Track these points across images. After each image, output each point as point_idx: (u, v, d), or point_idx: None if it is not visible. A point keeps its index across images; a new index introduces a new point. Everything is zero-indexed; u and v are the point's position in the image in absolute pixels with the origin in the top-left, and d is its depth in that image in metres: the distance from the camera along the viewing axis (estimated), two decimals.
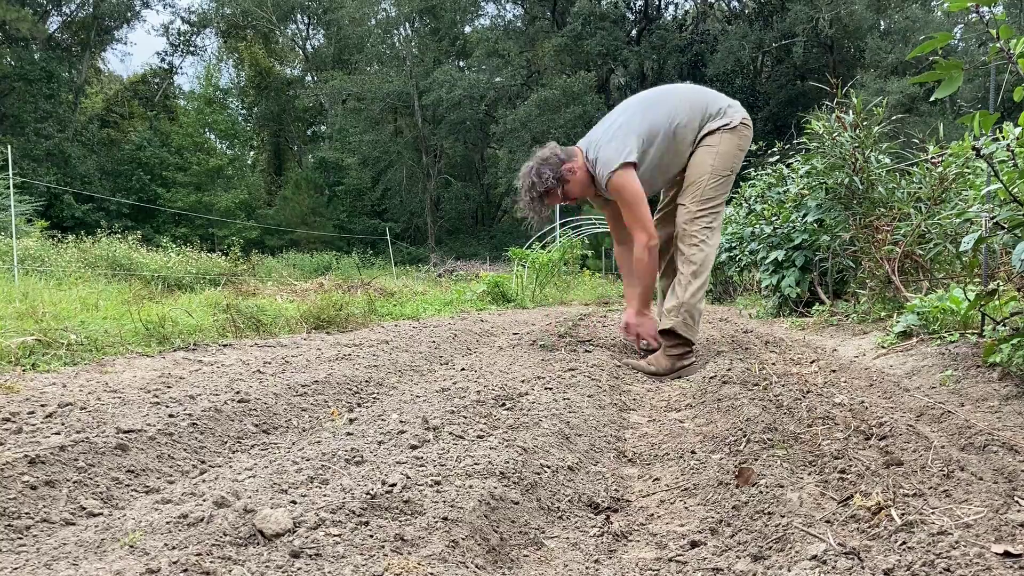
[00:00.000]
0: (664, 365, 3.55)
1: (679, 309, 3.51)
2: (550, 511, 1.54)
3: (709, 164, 3.54)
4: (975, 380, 2.64)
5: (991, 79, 3.41)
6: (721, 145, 3.56)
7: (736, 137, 3.58)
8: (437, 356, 4.01)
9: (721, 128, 3.56)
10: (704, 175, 3.55)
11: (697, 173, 3.58)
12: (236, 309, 5.00)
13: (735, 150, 3.58)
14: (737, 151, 3.59)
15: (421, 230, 40.79)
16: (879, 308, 4.82)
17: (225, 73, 47.11)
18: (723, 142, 3.56)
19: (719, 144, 3.55)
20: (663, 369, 3.54)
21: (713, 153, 3.55)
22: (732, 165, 3.58)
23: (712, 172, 3.54)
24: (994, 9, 2.03)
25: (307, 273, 20.26)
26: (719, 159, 3.54)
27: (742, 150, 3.62)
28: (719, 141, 3.55)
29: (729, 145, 3.56)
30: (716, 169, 3.54)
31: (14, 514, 1.43)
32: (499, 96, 36.29)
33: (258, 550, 1.14)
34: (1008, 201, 2.46)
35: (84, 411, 2.17)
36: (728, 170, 3.56)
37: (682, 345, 3.54)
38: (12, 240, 9.93)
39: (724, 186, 3.58)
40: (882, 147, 5.63)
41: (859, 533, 1.19)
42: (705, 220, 3.55)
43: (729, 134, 3.57)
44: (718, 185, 3.56)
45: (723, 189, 3.58)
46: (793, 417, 2.04)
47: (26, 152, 32.12)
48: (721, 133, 3.56)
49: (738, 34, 33.45)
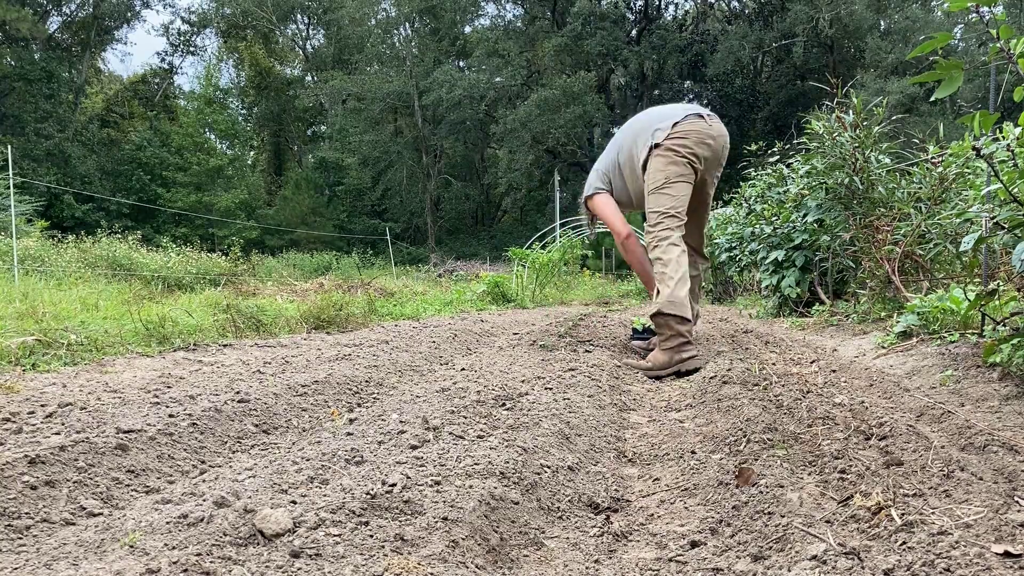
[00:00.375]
0: (661, 360, 3.57)
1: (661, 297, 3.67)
2: (550, 511, 1.54)
3: (648, 185, 3.85)
4: (975, 380, 2.64)
5: (991, 79, 3.40)
6: (650, 167, 3.84)
7: (661, 157, 3.80)
8: (437, 356, 4.01)
9: (651, 148, 3.83)
10: (648, 196, 3.86)
11: (646, 190, 3.89)
12: (236, 309, 5.00)
13: (662, 165, 3.79)
14: (667, 165, 3.79)
15: (421, 230, 40.80)
16: (879, 308, 4.82)
17: (225, 73, 47.15)
18: (650, 164, 3.84)
19: (649, 168, 3.84)
20: (660, 364, 3.57)
21: (648, 179, 3.86)
22: (666, 176, 3.79)
23: (651, 191, 3.83)
24: (994, 9, 2.03)
25: (307, 273, 20.27)
26: (650, 181, 3.83)
27: (676, 160, 3.79)
28: (649, 165, 3.84)
29: (655, 165, 3.80)
30: (651, 189, 3.83)
31: (14, 514, 1.43)
32: (499, 96, 36.29)
33: (258, 550, 1.14)
34: (1008, 201, 2.46)
35: (84, 411, 2.17)
36: (662, 181, 3.79)
37: (676, 336, 3.56)
38: (12, 240, 9.93)
39: (670, 193, 3.78)
40: (882, 147, 5.63)
41: (859, 533, 1.19)
42: (657, 225, 3.81)
43: (654, 157, 3.82)
44: (659, 196, 3.80)
45: (669, 196, 3.78)
46: (793, 417, 2.04)
47: (26, 152, 32.13)
48: (651, 157, 3.83)
49: (738, 34, 33.46)
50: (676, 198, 3.82)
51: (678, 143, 3.81)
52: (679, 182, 3.82)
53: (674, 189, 3.82)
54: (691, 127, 3.83)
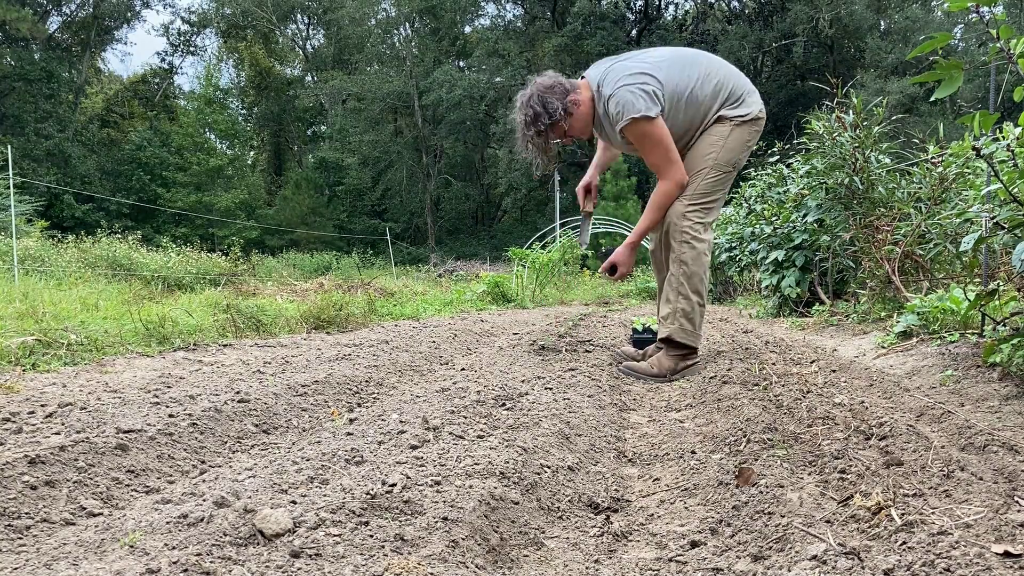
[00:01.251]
0: (667, 366, 3.36)
1: (674, 315, 3.31)
2: (550, 511, 1.54)
3: (712, 156, 3.24)
4: (975, 380, 2.64)
5: (991, 79, 3.40)
6: (730, 137, 3.23)
7: (747, 132, 3.27)
8: (437, 356, 4.01)
9: (735, 117, 3.24)
10: (704, 167, 3.25)
11: (697, 163, 3.27)
12: (236, 309, 5.00)
13: (742, 146, 3.28)
14: (745, 147, 3.30)
15: (421, 230, 40.80)
16: (879, 308, 4.82)
17: (225, 73, 47.17)
18: (732, 134, 3.23)
19: (728, 135, 3.23)
20: (665, 370, 3.35)
21: (719, 145, 3.24)
22: (737, 160, 3.28)
23: (714, 165, 3.24)
24: (994, 9, 2.03)
25: (307, 273, 20.27)
26: (724, 152, 3.23)
27: (750, 147, 3.34)
28: (728, 132, 3.23)
29: (738, 139, 3.25)
30: (718, 163, 3.24)
31: (14, 514, 1.43)
32: (499, 96, 36.29)
33: (258, 550, 1.14)
34: (1008, 201, 2.46)
35: (84, 411, 2.17)
36: (731, 166, 3.27)
37: (686, 350, 3.38)
38: (12, 240, 9.93)
39: (724, 183, 3.31)
40: (882, 147, 5.63)
41: (859, 533, 1.19)
42: (697, 215, 3.27)
43: (741, 127, 3.24)
44: (717, 181, 3.27)
45: (722, 186, 3.31)
46: (793, 417, 2.04)
47: (26, 152, 32.14)
48: (733, 123, 3.23)
49: (738, 34, 33.47)
50: (725, 191, 3.33)
51: (759, 127, 3.30)
52: (732, 174, 3.31)
53: (730, 178, 3.30)
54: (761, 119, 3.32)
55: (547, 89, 3.36)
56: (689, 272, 3.28)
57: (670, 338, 3.33)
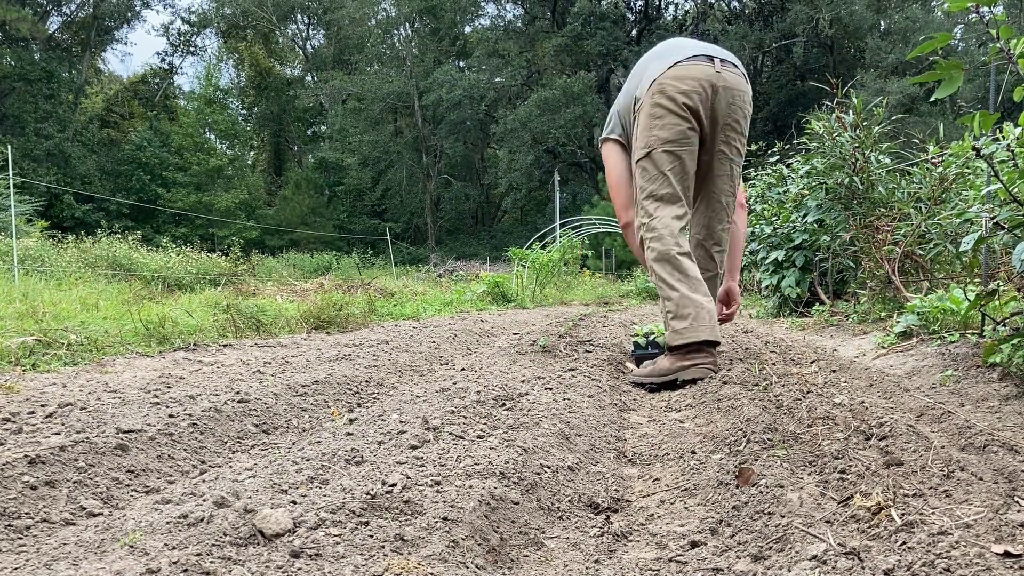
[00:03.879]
0: (662, 367, 3.14)
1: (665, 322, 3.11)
2: (550, 511, 1.54)
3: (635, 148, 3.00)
4: (975, 380, 2.64)
5: (991, 79, 3.40)
6: (637, 127, 2.98)
7: (644, 113, 2.94)
8: (437, 356, 4.01)
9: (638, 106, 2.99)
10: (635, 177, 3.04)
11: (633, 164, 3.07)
12: (236, 309, 5.00)
13: (646, 128, 2.95)
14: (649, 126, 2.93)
15: (421, 230, 40.81)
16: (879, 308, 4.82)
17: (225, 73, 47.20)
18: (637, 126, 2.99)
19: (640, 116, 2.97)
20: (656, 372, 3.11)
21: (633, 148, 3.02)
22: (648, 143, 2.93)
23: (635, 164, 3.01)
24: (994, 9, 2.03)
25: (307, 273, 20.27)
26: (635, 149, 2.99)
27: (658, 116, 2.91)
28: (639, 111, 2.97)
29: (640, 127, 2.97)
30: (637, 159, 2.99)
31: (14, 514, 1.43)
32: (499, 96, 36.30)
33: (258, 550, 1.14)
34: (1008, 201, 2.46)
35: (84, 411, 2.17)
36: (645, 148, 2.94)
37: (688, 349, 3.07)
38: (12, 240, 9.93)
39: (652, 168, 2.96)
40: (882, 147, 5.64)
41: (859, 533, 1.19)
42: (645, 212, 3.01)
43: (640, 113, 2.97)
44: (643, 173, 2.99)
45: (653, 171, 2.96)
46: (793, 417, 2.04)
47: (26, 152, 32.16)
48: (638, 114, 3.00)
49: (738, 34, 33.47)
50: (663, 175, 2.94)
51: (668, 94, 2.88)
52: (666, 150, 2.91)
53: (656, 160, 2.93)
54: (688, 72, 2.88)
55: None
56: (659, 272, 2.98)
57: (669, 346, 3.16)
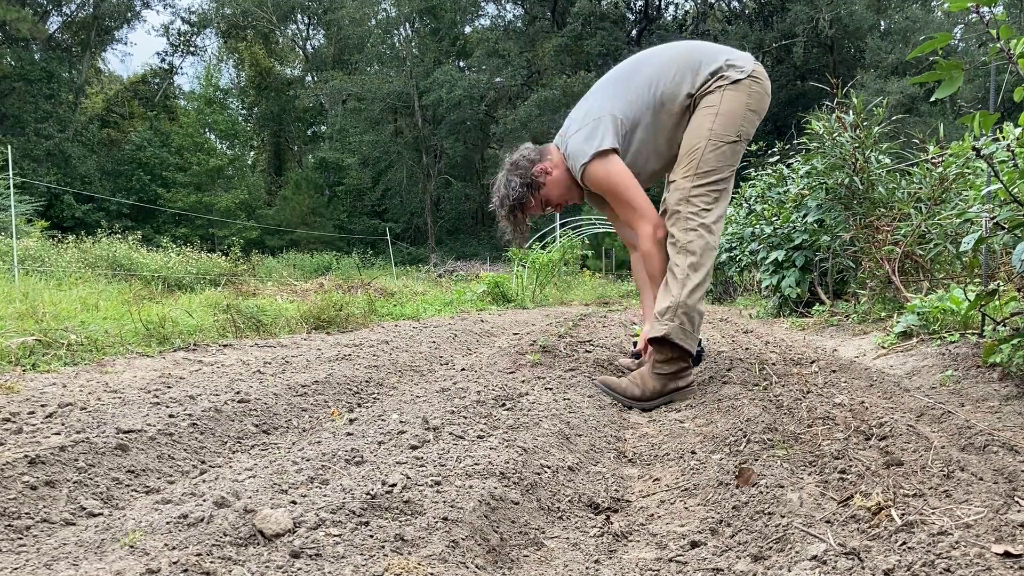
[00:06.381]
0: (652, 387, 2.79)
1: (675, 311, 2.72)
2: (550, 511, 1.54)
3: (707, 128, 2.79)
4: (975, 380, 2.64)
5: (991, 79, 3.40)
6: (722, 104, 2.79)
7: (742, 93, 2.80)
8: (437, 356, 4.01)
9: (722, 86, 2.81)
10: (700, 141, 2.78)
11: (692, 142, 2.82)
12: (236, 309, 5.00)
13: (742, 109, 2.80)
14: (746, 111, 2.80)
15: (421, 230, 40.80)
16: (879, 308, 4.82)
17: (225, 73, 47.21)
18: (724, 100, 2.79)
19: (719, 103, 2.80)
20: (650, 392, 2.79)
21: (712, 115, 2.79)
22: (740, 128, 2.80)
23: (711, 137, 2.77)
24: (994, 9, 2.03)
25: (307, 273, 20.28)
26: (720, 121, 2.78)
27: (753, 110, 2.83)
28: (719, 100, 2.80)
29: (733, 103, 2.79)
30: (716, 134, 2.77)
31: (14, 514, 1.43)
32: (499, 96, 36.30)
33: (258, 550, 1.14)
34: (1008, 201, 2.46)
35: (84, 411, 2.17)
36: (734, 135, 2.79)
37: (678, 360, 2.77)
38: (12, 240, 9.93)
39: (729, 156, 2.80)
40: (882, 147, 5.64)
41: (859, 533, 1.19)
42: (704, 199, 2.78)
43: (732, 91, 2.80)
44: (720, 154, 2.77)
45: (728, 160, 2.80)
46: (793, 417, 2.04)
47: (26, 152, 32.16)
48: (722, 91, 2.80)
49: (738, 34, 33.47)
50: (733, 168, 2.82)
51: (761, 88, 2.82)
52: (742, 143, 2.82)
53: (737, 150, 2.81)
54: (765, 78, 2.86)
55: (512, 167, 3.13)
56: (697, 264, 2.74)
57: (666, 338, 2.72)
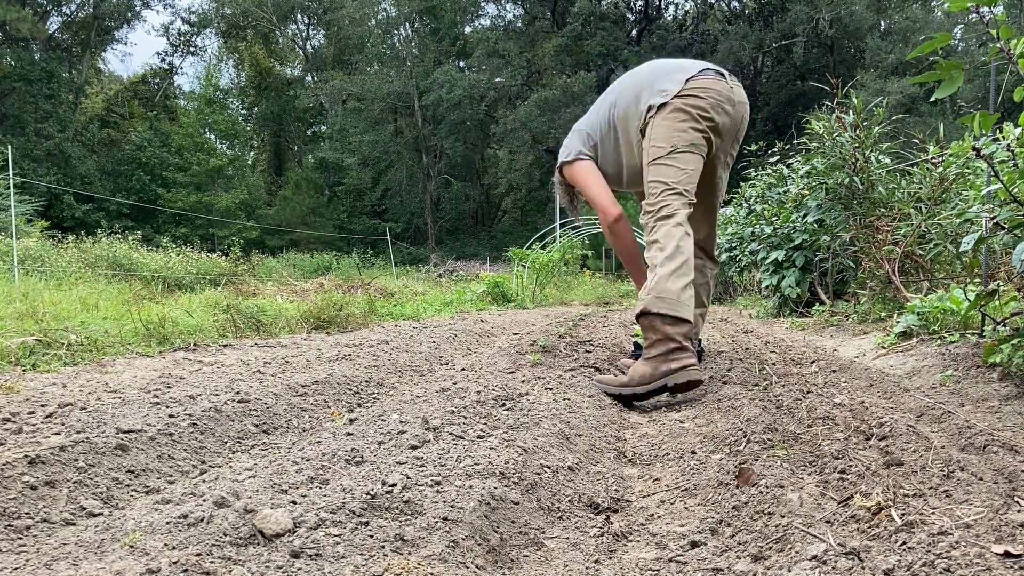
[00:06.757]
0: (641, 372, 2.77)
1: (648, 291, 2.84)
2: (550, 511, 1.54)
3: (648, 159, 3.07)
4: (975, 380, 2.64)
5: (991, 79, 3.40)
6: (653, 132, 3.05)
7: (668, 117, 3.03)
8: (437, 356, 4.01)
9: (652, 116, 3.08)
10: (648, 172, 3.07)
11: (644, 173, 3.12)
12: (236, 309, 5.00)
13: (670, 131, 3.03)
14: (675, 130, 3.03)
15: (421, 230, 40.80)
16: (879, 308, 4.82)
17: (225, 73, 47.21)
18: (654, 128, 3.06)
19: (651, 132, 3.07)
20: (638, 378, 2.77)
21: (648, 146, 3.07)
22: (673, 143, 3.02)
23: (650, 164, 3.05)
24: (994, 9, 2.03)
25: (307, 273, 20.29)
26: (653, 148, 3.05)
27: (684, 121, 3.04)
28: (651, 129, 3.08)
29: (660, 129, 3.04)
30: (652, 159, 3.04)
31: (14, 514, 1.43)
32: (499, 96, 36.30)
33: (258, 550, 1.14)
34: (1008, 201, 2.46)
35: (84, 411, 2.17)
36: (667, 149, 3.02)
37: (666, 340, 2.76)
38: (12, 240, 9.94)
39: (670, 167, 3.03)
40: (882, 147, 5.64)
41: (859, 533, 1.19)
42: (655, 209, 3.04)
43: (658, 118, 3.05)
44: (662, 172, 3.04)
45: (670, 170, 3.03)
46: (793, 417, 2.04)
47: (26, 152, 32.16)
48: (652, 121, 3.07)
49: (738, 34, 33.47)
50: (685, 172, 3.02)
51: (692, 103, 3.04)
52: (689, 152, 3.03)
53: (683, 160, 3.03)
54: (709, 85, 3.08)
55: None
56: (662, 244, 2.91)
57: (645, 311, 2.81)
